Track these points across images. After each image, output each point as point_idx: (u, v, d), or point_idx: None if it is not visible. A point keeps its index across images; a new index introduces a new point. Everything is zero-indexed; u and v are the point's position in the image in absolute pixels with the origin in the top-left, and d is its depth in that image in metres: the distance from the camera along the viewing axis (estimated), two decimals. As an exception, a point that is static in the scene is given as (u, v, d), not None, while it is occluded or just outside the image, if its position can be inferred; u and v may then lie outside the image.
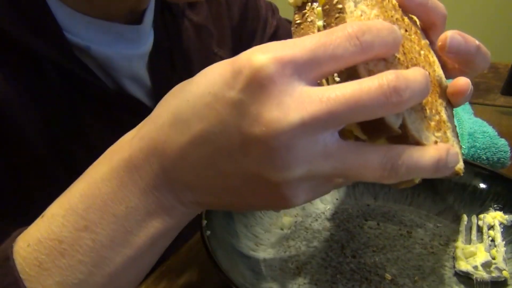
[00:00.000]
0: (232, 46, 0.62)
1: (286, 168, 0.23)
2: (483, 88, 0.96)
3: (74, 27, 0.40)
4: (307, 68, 0.23)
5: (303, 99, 0.22)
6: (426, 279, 0.39)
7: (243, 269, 0.38)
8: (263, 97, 0.22)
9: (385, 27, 0.24)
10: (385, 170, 0.24)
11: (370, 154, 0.24)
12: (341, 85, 0.23)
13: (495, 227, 0.44)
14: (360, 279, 0.39)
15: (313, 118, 0.22)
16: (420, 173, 0.26)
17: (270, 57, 0.22)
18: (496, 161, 0.59)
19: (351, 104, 0.22)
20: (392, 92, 0.22)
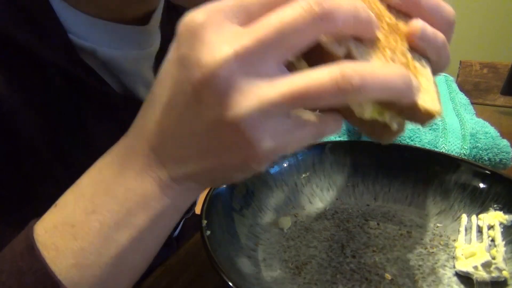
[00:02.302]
0: None
1: (235, 103, 0.23)
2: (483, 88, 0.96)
3: (79, 28, 0.39)
4: (236, 13, 0.24)
5: (232, 35, 0.23)
6: (426, 279, 0.39)
7: (243, 269, 0.38)
8: (197, 43, 0.23)
9: None
10: (337, 85, 0.22)
11: (317, 71, 0.23)
12: (268, 16, 0.23)
13: (495, 227, 0.44)
14: (360, 279, 0.39)
15: (244, 48, 0.23)
16: (385, 86, 0.23)
17: (202, 11, 0.24)
18: (498, 162, 0.59)
19: (277, 27, 0.23)
20: (315, 6, 0.23)
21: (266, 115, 0.24)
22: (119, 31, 0.42)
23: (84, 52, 0.40)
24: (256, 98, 0.23)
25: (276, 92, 0.23)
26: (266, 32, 0.23)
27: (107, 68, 0.42)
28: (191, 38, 0.24)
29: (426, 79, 0.28)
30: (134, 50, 0.44)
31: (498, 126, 0.65)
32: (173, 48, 0.26)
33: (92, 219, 0.28)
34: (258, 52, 0.23)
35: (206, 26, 0.23)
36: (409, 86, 0.24)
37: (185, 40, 0.24)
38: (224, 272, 0.33)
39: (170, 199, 0.29)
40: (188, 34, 0.24)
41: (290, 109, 0.25)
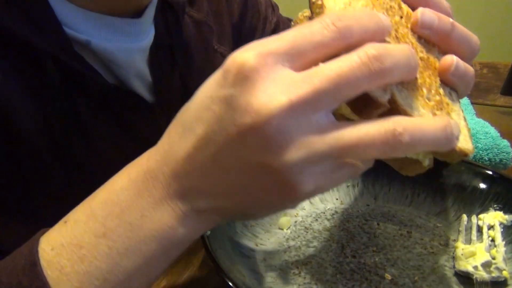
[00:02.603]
0: (233, 42, 0.62)
1: (283, 151, 0.23)
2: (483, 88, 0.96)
3: (73, 21, 0.40)
4: (289, 57, 0.24)
5: (287, 83, 0.23)
6: (426, 279, 0.39)
7: (243, 269, 0.38)
8: (250, 87, 0.23)
9: (365, 13, 0.25)
10: (386, 141, 0.23)
11: (367, 126, 0.24)
12: (322, 65, 0.23)
13: (495, 227, 0.44)
14: (360, 279, 0.39)
15: (299, 98, 0.23)
16: (429, 142, 0.24)
17: (253, 52, 0.23)
18: (498, 162, 0.59)
19: (335, 79, 0.23)
20: (372, 61, 0.23)
21: (313, 163, 0.24)
22: (112, 24, 0.43)
23: (78, 44, 0.41)
24: (306, 149, 0.23)
25: (327, 144, 0.23)
26: (322, 83, 0.23)
27: (100, 60, 0.43)
28: (242, 80, 0.23)
29: (457, 115, 0.30)
30: (128, 42, 0.44)
31: (498, 126, 0.65)
32: (216, 83, 0.25)
33: (101, 242, 0.27)
34: (312, 102, 0.23)
35: (259, 70, 0.23)
36: (452, 138, 0.25)
37: (235, 81, 0.24)
38: (224, 272, 0.33)
39: (186, 230, 0.28)
40: (240, 75, 0.23)
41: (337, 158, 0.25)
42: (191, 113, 0.26)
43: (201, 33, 0.56)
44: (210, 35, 0.58)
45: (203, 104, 0.25)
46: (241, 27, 0.64)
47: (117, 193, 0.28)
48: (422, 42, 0.30)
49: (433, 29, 0.30)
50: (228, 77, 0.24)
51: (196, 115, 0.26)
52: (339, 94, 0.23)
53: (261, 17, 0.67)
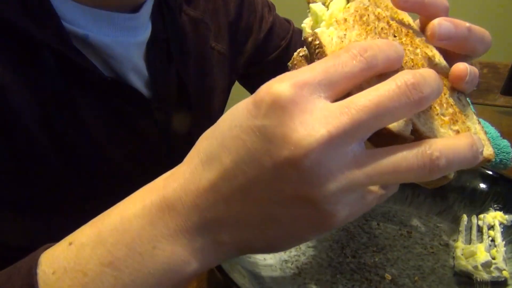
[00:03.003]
0: (229, 40, 0.62)
1: (322, 183, 0.23)
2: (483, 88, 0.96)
3: (71, 15, 0.40)
4: (323, 88, 0.23)
5: (325, 114, 0.23)
6: (426, 279, 0.39)
7: (243, 269, 0.38)
8: (287, 119, 0.23)
9: (384, 42, 0.25)
10: (424, 167, 0.23)
11: (404, 154, 0.24)
12: (359, 94, 0.23)
13: (495, 227, 0.44)
14: (360, 279, 0.39)
15: (338, 130, 0.22)
16: (461, 162, 0.24)
17: (288, 83, 0.23)
18: (498, 162, 0.59)
19: (373, 109, 0.22)
20: (412, 90, 0.23)
21: (349, 192, 0.24)
22: (110, 18, 0.43)
23: (76, 38, 0.41)
24: (344, 180, 0.23)
25: (365, 174, 0.23)
26: (360, 113, 0.22)
27: (98, 54, 0.43)
28: (278, 111, 0.23)
29: (472, 122, 0.30)
30: (125, 37, 0.45)
31: (499, 126, 0.65)
32: (247, 113, 0.24)
33: (107, 272, 0.25)
34: (350, 133, 0.23)
35: (296, 102, 0.23)
36: (479, 154, 0.25)
37: (270, 112, 0.23)
38: (224, 272, 0.33)
39: (200, 265, 0.27)
40: (275, 106, 0.23)
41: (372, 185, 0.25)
42: (216, 141, 0.25)
43: (198, 31, 0.57)
44: (206, 33, 0.58)
45: (231, 133, 0.24)
46: (237, 25, 0.64)
47: (129, 220, 0.26)
48: (419, 52, 0.30)
49: (451, 39, 0.29)
50: (261, 107, 0.23)
51: (223, 143, 0.25)
52: (376, 124, 0.23)
53: (257, 16, 0.67)
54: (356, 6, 0.29)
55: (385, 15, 0.30)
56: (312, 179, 0.23)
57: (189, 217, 0.26)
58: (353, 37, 0.28)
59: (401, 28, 0.30)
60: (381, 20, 0.29)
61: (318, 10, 0.30)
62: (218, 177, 0.25)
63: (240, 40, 0.65)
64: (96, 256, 0.26)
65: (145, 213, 0.26)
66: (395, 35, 0.29)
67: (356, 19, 0.28)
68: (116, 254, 0.26)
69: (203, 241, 0.26)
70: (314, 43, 0.27)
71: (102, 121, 0.45)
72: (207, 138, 0.26)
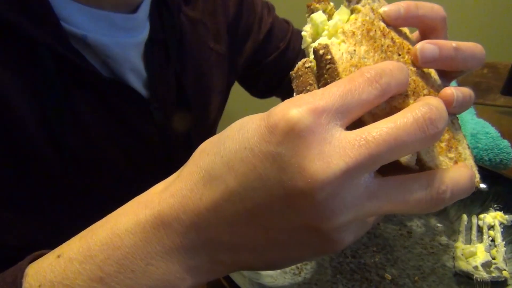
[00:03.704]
0: (228, 41, 0.62)
1: (334, 216, 0.23)
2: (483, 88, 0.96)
3: (70, 16, 0.41)
4: (339, 115, 0.23)
5: (343, 145, 0.22)
6: (426, 279, 0.39)
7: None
8: (303, 148, 0.22)
9: (395, 67, 0.25)
10: (431, 200, 0.24)
11: (413, 186, 0.24)
12: (376, 126, 0.23)
13: (495, 227, 0.44)
14: (360, 279, 0.39)
15: (356, 163, 0.22)
16: (462, 195, 0.25)
17: (306, 109, 0.22)
18: (498, 162, 0.59)
19: (391, 143, 0.22)
20: (429, 125, 0.23)
21: (358, 221, 0.24)
22: (108, 19, 0.43)
23: (74, 38, 0.41)
24: (356, 211, 0.23)
25: (376, 206, 0.24)
26: (379, 146, 0.22)
27: (96, 54, 0.43)
28: (294, 140, 0.22)
29: (463, 147, 0.30)
30: (123, 37, 0.45)
31: (499, 126, 0.65)
32: (259, 137, 0.23)
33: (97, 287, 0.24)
34: (367, 166, 0.22)
35: (314, 131, 0.22)
36: (474, 185, 0.26)
37: (285, 139, 0.22)
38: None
39: (195, 281, 0.26)
40: (292, 134, 0.22)
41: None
42: (221, 160, 0.24)
43: (197, 31, 0.57)
44: (205, 34, 0.58)
45: (240, 155, 0.23)
46: (236, 27, 0.64)
47: (121, 236, 0.25)
48: (419, 72, 0.30)
49: (436, 60, 0.29)
50: (276, 133, 0.22)
51: (229, 164, 0.24)
52: (391, 156, 0.23)
53: (256, 17, 0.67)
54: (362, 19, 0.29)
55: (389, 30, 0.30)
56: (325, 211, 0.23)
57: (186, 235, 0.25)
58: (362, 53, 0.28)
59: (403, 44, 0.30)
60: (386, 36, 0.29)
61: (319, 21, 0.30)
62: (221, 198, 0.24)
63: (239, 41, 0.65)
64: (85, 271, 0.25)
65: (138, 229, 0.25)
66: (399, 53, 0.29)
67: (363, 34, 0.28)
68: (106, 270, 0.24)
69: (200, 259, 0.25)
70: (325, 57, 0.27)
71: (100, 121, 0.45)
72: (208, 154, 0.25)
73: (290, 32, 0.72)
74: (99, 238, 0.25)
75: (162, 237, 0.25)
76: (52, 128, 0.41)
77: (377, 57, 0.28)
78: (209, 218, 0.24)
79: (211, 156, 0.25)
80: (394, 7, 0.30)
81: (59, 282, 0.25)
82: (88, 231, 0.27)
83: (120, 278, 0.24)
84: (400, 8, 0.30)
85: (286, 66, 0.72)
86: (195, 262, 0.25)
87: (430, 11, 0.30)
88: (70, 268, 0.25)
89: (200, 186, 0.25)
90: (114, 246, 0.25)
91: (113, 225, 0.26)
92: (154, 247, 0.25)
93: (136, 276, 0.25)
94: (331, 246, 0.25)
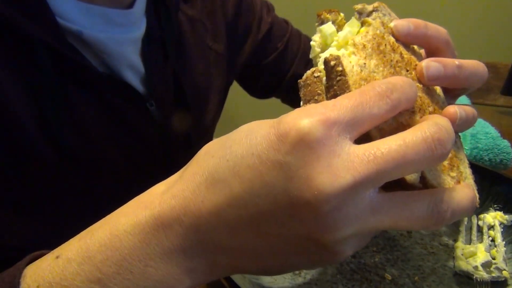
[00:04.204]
0: (227, 41, 0.62)
1: (337, 228, 0.23)
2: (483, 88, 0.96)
3: (66, 11, 0.40)
4: (349, 128, 0.23)
5: (351, 159, 0.22)
6: (426, 279, 0.39)
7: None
8: (312, 160, 0.22)
9: (405, 82, 0.25)
10: (432, 218, 0.24)
11: (416, 204, 0.24)
12: (385, 142, 0.23)
13: (495, 227, 0.44)
14: (360, 279, 0.39)
15: (363, 178, 0.22)
16: (462, 215, 0.26)
17: (317, 120, 0.22)
18: (498, 162, 0.59)
19: (399, 161, 0.22)
20: (437, 145, 0.23)
21: (359, 235, 0.24)
22: (104, 14, 0.43)
23: (70, 34, 0.41)
24: (359, 226, 0.23)
25: (379, 221, 0.24)
26: (387, 163, 0.22)
27: (92, 50, 0.43)
28: (304, 150, 0.22)
29: (464, 166, 0.31)
30: (119, 33, 0.45)
31: (499, 126, 0.65)
32: (268, 144, 0.23)
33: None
34: (373, 181, 0.23)
35: (324, 143, 0.22)
36: (475, 205, 0.27)
37: (295, 149, 0.22)
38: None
39: (193, 282, 0.26)
40: (302, 144, 0.22)
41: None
42: (226, 164, 0.24)
43: (195, 30, 0.57)
44: (204, 33, 0.58)
45: (246, 161, 0.23)
46: (235, 27, 0.64)
47: (120, 237, 0.25)
48: (425, 89, 0.30)
49: (440, 79, 0.30)
50: (286, 142, 0.22)
51: (234, 169, 0.24)
52: (398, 173, 0.23)
53: (256, 17, 0.67)
54: (373, 32, 0.29)
55: (398, 44, 0.30)
56: (329, 223, 0.23)
57: (186, 237, 0.25)
58: (372, 67, 0.28)
59: (411, 59, 0.30)
60: (395, 51, 0.30)
61: (329, 33, 0.30)
62: (224, 203, 0.24)
63: (238, 41, 0.65)
64: (83, 272, 0.25)
65: (137, 230, 0.25)
66: (407, 69, 0.30)
67: (374, 48, 0.29)
68: (104, 271, 0.24)
69: (198, 262, 0.25)
70: (336, 69, 0.27)
71: (99, 119, 0.45)
72: (213, 156, 0.25)
73: (289, 32, 0.72)
74: (98, 239, 0.25)
75: (161, 238, 0.25)
76: (50, 127, 0.41)
77: (386, 72, 0.28)
78: (210, 221, 0.24)
79: (216, 159, 0.25)
80: (404, 23, 0.30)
81: (57, 283, 0.25)
82: (87, 232, 0.27)
83: (118, 279, 0.24)
84: (410, 24, 0.30)
85: (285, 67, 0.72)
86: (194, 264, 0.25)
87: (436, 32, 0.31)
88: (68, 269, 0.25)
89: (202, 189, 0.24)
90: (113, 247, 0.25)
91: (112, 226, 0.26)
92: (153, 248, 0.25)
93: (135, 277, 0.25)
94: (330, 258, 0.25)
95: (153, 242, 0.25)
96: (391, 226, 0.24)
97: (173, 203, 0.25)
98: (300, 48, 0.73)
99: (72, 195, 0.46)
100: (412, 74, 0.30)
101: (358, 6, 0.30)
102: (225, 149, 0.25)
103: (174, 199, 0.25)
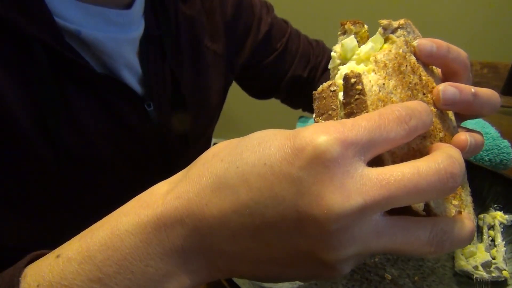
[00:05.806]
0: (226, 41, 0.62)
1: (341, 248, 0.23)
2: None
3: (63, 11, 0.41)
4: (365, 150, 0.23)
5: (364, 182, 0.22)
6: (426, 279, 0.39)
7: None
8: (326, 178, 0.22)
9: (423, 109, 0.25)
10: (431, 246, 0.25)
11: (418, 231, 0.25)
12: (399, 168, 0.23)
13: (495, 227, 0.44)
14: (360, 279, 0.39)
15: (373, 202, 0.22)
16: (460, 246, 0.26)
17: (334, 139, 0.22)
18: (498, 162, 0.59)
19: (411, 189, 0.23)
20: (449, 178, 0.23)
21: (360, 255, 0.25)
22: (102, 14, 0.43)
23: (68, 34, 0.41)
24: (362, 247, 0.23)
25: (381, 245, 0.24)
26: (399, 190, 0.22)
27: (90, 49, 0.43)
28: (319, 169, 0.22)
29: (466, 195, 0.31)
30: (117, 33, 0.45)
31: (499, 126, 0.65)
32: (282, 156, 0.23)
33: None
34: (382, 206, 0.23)
35: (340, 164, 0.22)
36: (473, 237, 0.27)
37: (310, 165, 0.22)
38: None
39: (193, 283, 0.26)
40: (317, 161, 0.22)
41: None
42: (235, 170, 0.24)
43: (193, 29, 0.56)
44: (202, 33, 0.58)
45: (257, 170, 0.23)
46: (234, 27, 0.64)
47: (121, 237, 0.25)
48: (438, 113, 0.30)
49: (455, 104, 0.30)
50: (301, 157, 0.22)
51: (244, 176, 0.23)
52: (407, 201, 0.23)
53: (255, 18, 0.67)
54: (396, 51, 0.29)
55: (418, 65, 0.30)
56: (333, 242, 0.23)
57: (188, 239, 0.25)
58: (390, 88, 0.28)
59: (428, 82, 0.30)
60: (415, 73, 0.30)
61: (350, 47, 0.30)
62: (229, 208, 0.24)
63: (237, 41, 0.65)
64: (83, 271, 0.25)
65: (139, 230, 0.25)
66: (424, 92, 0.30)
67: (395, 68, 0.29)
68: (105, 270, 0.24)
69: (198, 264, 0.26)
70: (356, 87, 0.26)
71: (96, 118, 0.45)
72: (222, 160, 0.25)
73: (289, 33, 0.72)
74: (99, 238, 0.25)
75: (163, 238, 0.25)
76: (48, 126, 0.41)
77: (403, 94, 0.28)
78: (213, 226, 0.24)
79: (225, 164, 0.24)
80: (428, 43, 0.30)
81: (58, 282, 0.24)
82: (87, 231, 0.27)
83: (119, 279, 0.24)
84: (433, 44, 0.30)
85: (284, 67, 0.72)
86: (194, 265, 0.26)
87: (457, 56, 0.31)
88: (68, 268, 0.25)
89: (208, 192, 0.24)
90: (114, 246, 0.25)
91: (113, 225, 0.26)
92: (154, 248, 0.25)
93: (135, 277, 0.24)
94: (329, 274, 0.25)
95: (154, 242, 0.25)
96: (392, 249, 0.24)
97: (177, 204, 0.25)
98: (299, 48, 0.73)
99: (72, 195, 0.46)
100: (428, 98, 0.30)
101: (384, 21, 0.30)
102: (235, 154, 0.24)
103: (178, 200, 0.25)
